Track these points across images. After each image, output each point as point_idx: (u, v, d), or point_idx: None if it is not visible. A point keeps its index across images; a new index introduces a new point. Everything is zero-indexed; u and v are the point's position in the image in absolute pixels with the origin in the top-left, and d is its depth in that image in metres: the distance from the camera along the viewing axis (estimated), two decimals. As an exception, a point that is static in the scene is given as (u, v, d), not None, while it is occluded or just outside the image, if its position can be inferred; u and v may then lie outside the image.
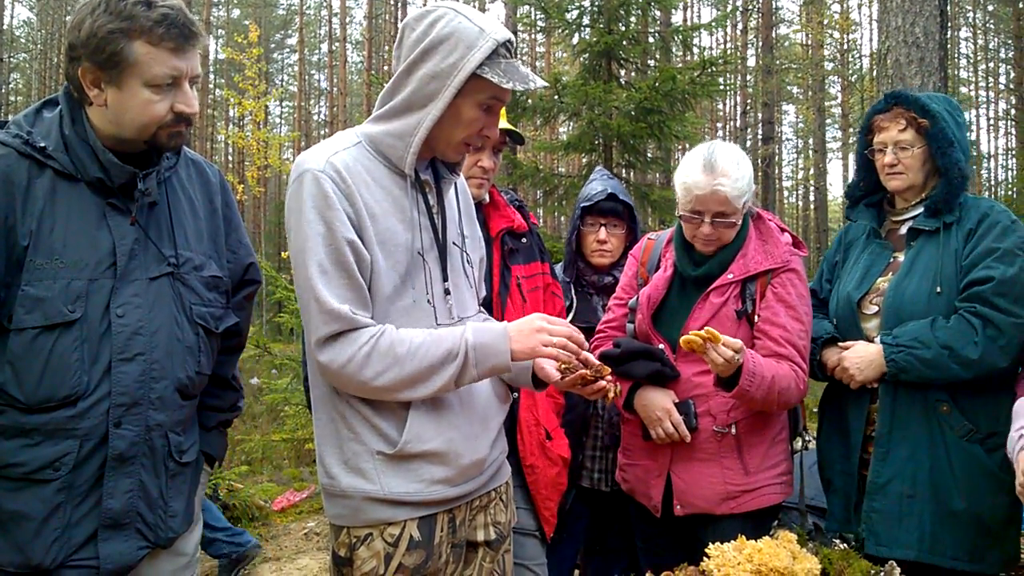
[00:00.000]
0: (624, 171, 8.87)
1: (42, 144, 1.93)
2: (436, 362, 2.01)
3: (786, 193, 42.80)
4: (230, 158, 36.87)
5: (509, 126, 2.93)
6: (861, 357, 2.66)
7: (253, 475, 8.65)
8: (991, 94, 38.56)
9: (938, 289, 2.61)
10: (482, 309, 2.50)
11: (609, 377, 2.14)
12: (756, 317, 2.69)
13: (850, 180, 3.05)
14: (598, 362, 2.15)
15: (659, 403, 2.71)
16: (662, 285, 2.82)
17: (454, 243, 2.23)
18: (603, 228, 3.39)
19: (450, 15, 2.01)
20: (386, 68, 33.39)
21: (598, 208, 3.38)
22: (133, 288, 1.99)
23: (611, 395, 2.16)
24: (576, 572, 3.76)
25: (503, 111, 3.01)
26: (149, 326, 2.00)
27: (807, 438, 3.17)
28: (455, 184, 2.29)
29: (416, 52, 2.02)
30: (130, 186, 2.00)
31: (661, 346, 2.78)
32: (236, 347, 2.39)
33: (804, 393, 2.69)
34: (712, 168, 2.61)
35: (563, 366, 2.12)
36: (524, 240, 3.05)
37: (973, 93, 37.45)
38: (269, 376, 9.93)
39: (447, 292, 2.16)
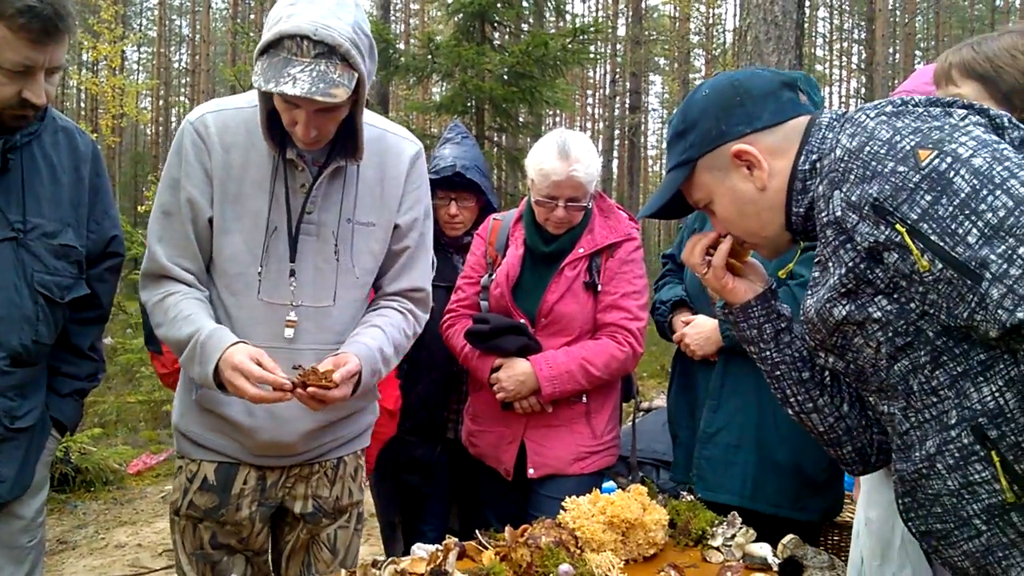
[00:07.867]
0: (496, 135, 8.92)
1: None
2: (181, 340, 2.02)
3: (651, 162, 43.89)
4: (83, 105, 34.71)
5: None
6: (699, 333, 2.80)
7: (107, 438, 8.31)
8: (844, 72, 40.57)
9: None
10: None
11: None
12: (599, 288, 2.89)
13: None
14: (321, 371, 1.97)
15: (528, 373, 2.84)
16: (516, 262, 2.95)
17: (332, 232, 2.13)
18: (453, 203, 3.35)
19: None
20: (252, 17, 32.12)
21: (448, 182, 3.33)
22: None
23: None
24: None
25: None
26: None
27: (639, 401, 3.41)
28: (358, 167, 2.15)
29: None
30: None
31: (522, 320, 2.90)
32: (96, 319, 2.34)
33: (637, 356, 2.93)
34: (567, 155, 2.77)
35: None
36: None
37: (827, 71, 39.29)
38: (124, 336, 9.51)
39: (292, 273, 2.10)
